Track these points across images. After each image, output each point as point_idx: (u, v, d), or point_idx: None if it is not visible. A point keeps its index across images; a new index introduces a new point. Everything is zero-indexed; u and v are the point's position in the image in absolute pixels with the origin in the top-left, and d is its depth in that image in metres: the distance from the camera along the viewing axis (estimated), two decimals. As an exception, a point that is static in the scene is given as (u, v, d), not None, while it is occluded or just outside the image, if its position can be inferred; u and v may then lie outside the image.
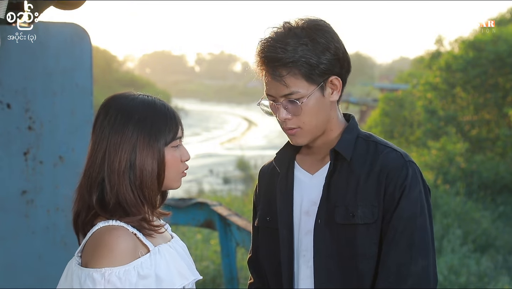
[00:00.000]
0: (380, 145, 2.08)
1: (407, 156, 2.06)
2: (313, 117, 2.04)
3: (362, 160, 2.06)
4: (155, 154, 1.84)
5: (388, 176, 2.00)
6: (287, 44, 1.97)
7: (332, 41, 2.01)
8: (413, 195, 1.99)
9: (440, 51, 21.32)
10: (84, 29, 3.51)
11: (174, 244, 1.97)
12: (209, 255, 8.44)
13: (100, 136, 1.85)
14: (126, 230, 1.79)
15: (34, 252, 3.38)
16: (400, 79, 30.35)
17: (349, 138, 2.10)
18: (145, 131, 1.83)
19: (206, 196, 17.22)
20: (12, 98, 3.32)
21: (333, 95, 2.05)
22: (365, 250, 2.00)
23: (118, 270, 1.72)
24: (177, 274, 1.86)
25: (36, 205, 3.39)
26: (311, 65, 1.97)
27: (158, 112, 1.87)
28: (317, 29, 2.01)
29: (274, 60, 1.98)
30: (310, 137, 2.09)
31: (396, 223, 1.97)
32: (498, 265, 10.21)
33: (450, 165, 15.22)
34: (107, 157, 1.82)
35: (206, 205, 5.59)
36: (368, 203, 2.01)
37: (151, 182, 1.85)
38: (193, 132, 43.87)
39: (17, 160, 3.35)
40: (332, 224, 2.04)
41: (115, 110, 1.85)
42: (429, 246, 1.99)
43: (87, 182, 1.85)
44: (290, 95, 2.00)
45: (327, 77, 2.02)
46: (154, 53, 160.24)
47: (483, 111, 17.14)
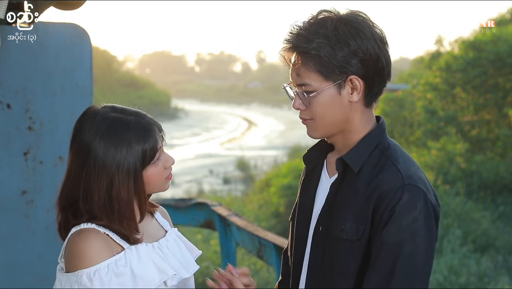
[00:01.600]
0: (389, 161, 1.94)
1: (411, 177, 1.90)
2: (325, 113, 1.96)
3: (368, 173, 1.95)
4: (131, 182, 1.85)
5: (379, 196, 1.88)
6: (313, 35, 1.90)
7: (362, 44, 1.90)
8: (404, 220, 1.85)
9: (440, 52, 21.34)
10: (84, 30, 3.50)
11: (161, 243, 1.97)
12: (209, 255, 8.45)
13: (77, 160, 1.86)
14: (96, 231, 1.82)
15: (34, 252, 3.39)
16: (400, 79, 30.31)
17: (363, 148, 1.98)
18: (121, 159, 1.83)
19: (206, 196, 17.23)
20: (12, 98, 3.32)
21: (352, 95, 1.94)
22: (344, 266, 1.93)
23: (89, 271, 1.77)
24: (156, 270, 1.87)
25: (36, 205, 3.39)
26: (329, 62, 1.90)
27: (134, 134, 1.86)
28: (351, 26, 1.91)
29: (295, 48, 1.94)
30: (323, 132, 2.01)
31: (379, 248, 1.86)
32: (498, 265, 10.21)
33: (450, 165, 15.22)
34: (84, 185, 1.84)
35: (206, 205, 5.58)
36: (356, 220, 1.92)
37: (129, 212, 1.86)
38: (193, 132, 43.87)
39: (17, 160, 3.35)
40: (328, 234, 1.99)
41: (92, 135, 1.85)
42: (415, 276, 1.85)
43: (65, 199, 1.89)
44: (303, 86, 1.94)
45: (346, 76, 1.92)
46: (154, 54, 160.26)
47: (483, 112, 17.14)
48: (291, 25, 1.97)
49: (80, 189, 1.85)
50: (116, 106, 1.91)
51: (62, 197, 1.89)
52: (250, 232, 4.81)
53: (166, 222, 2.11)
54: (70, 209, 1.87)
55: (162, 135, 1.93)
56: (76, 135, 1.89)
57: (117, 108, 1.91)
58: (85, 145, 1.85)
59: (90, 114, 1.90)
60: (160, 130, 1.92)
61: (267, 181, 17.97)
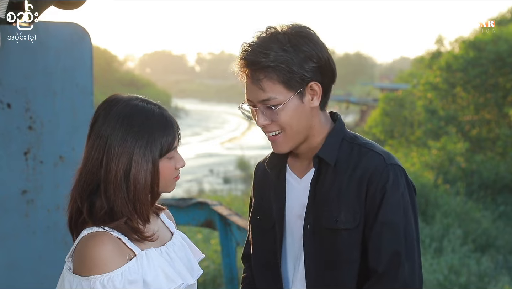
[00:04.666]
0: (363, 148, 2.05)
1: (390, 158, 2.03)
2: (292, 123, 2.01)
3: (345, 163, 2.04)
4: (149, 167, 1.85)
5: (369, 180, 1.98)
6: (268, 49, 1.96)
7: (314, 49, 1.98)
8: (395, 198, 1.96)
9: (440, 51, 21.35)
10: (85, 29, 3.50)
11: (169, 247, 1.98)
12: (209, 255, 8.44)
13: (97, 142, 1.85)
14: (109, 236, 1.82)
15: (34, 252, 3.38)
16: (401, 79, 30.35)
17: (333, 142, 2.07)
18: (141, 144, 1.84)
19: (206, 195, 17.22)
20: (12, 98, 3.31)
21: (313, 101, 2.02)
22: (348, 255, 2.00)
23: (102, 278, 1.76)
24: (164, 277, 1.87)
25: (36, 205, 3.39)
26: (290, 72, 1.95)
27: (155, 124, 1.87)
28: (300, 36, 1.99)
29: (253, 64, 1.98)
30: (291, 144, 2.06)
31: (379, 228, 1.96)
32: (498, 265, 10.20)
33: (451, 165, 15.22)
34: (104, 166, 1.83)
35: (206, 204, 5.58)
36: (350, 208, 1.99)
37: (143, 195, 1.87)
38: (193, 132, 43.86)
39: (18, 159, 3.35)
40: (319, 229, 2.04)
41: (114, 118, 1.85)
42: (413, 248, 1.98)
43: (81, 187, 1.87)
44: (267, 101, 1.98)
45: (306, 84, 1.99)
46: (155, 53, 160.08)
47: (483, 111, 17.13)
48: (242, 44, 2.04)
49: (99, 174, 1.83)
50: (140, 96, 1.93)
51: (78, 185, 1.87)
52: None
53: (171, 223, 2.11)
54: (86, 201, 1.85)
55: (179, 134, 1.96)
56: (97, 119, 1.88)
57: (141, 98, 1.93)
58: (106, 128, 1.84)
59: (112, 99, 1.91)
60: (178, 129, 1.95)
61: (268, 180, 17.93)
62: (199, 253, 2.13)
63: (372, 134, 19.89)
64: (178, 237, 2.06)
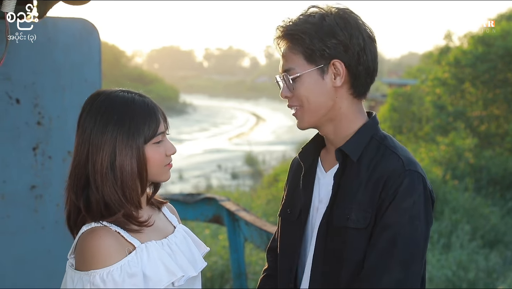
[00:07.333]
0: (388, 149, 2.01)
1: (411, 164, 1.97)
2: (310, 97, 2.00)
3: (368, 162, 2.00)
4: (134, 153, 1.87)
5: (385, 183, 1.94)
6: (300, 22, 1.99)
7: (345, 29, 1.96)
8: (404, 204, 1.91)
9: (449, 46, 21.27)
10: (93, 25, 3.51)
11: (170, 240, 1.98)
12: (217, 250, 8.45)
13: (82, 137, 1.89)
14: (108, 230, 1.83)
15: (43, 247, 3.40)
16: (409, 74, 30.23)
17: (359, 139, 2.04)
18: (123, 132, 1.86)
19: (214, 191, 17.24)
20: (21, 93, 3.32)
21: (335, 80, 1.99)
22: (353, 255, 1.96)
23: (102, 272, 1.77)
24: (165, 270, 1.88)
25: (45, 200, 3.40)
26: (311, 44, 1.96)
27: (136, 110, 1.88)
28: (337, 16, 1.98)
29: (283, 32, 2.02)
30: (311, 120, 2.05)
31: (380, 229, 1.92)
32: (507, 261, 10.18)
33: (459, 161, 15.17)
34: (90, 158, 1.86)
35: (215, 200, 5.59)
36: (361, 208, 1.96)
37: (131, 181, 1.88)
38: (201, 127, 43.92)
39: (26, 155, 3.36)
40: (332, 224, 2.02)
41: (95, 111, 1.88)
42: (412, 258, 1.91)
43: (73, 183, 1.90)
44: (288, 71, 2.01)
45: (328, 61, 1.98)
46: (163, 49, 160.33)
47: (492, 107, 17.06)
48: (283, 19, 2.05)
49: (87, 167, 1.86)
50: (122, 88, 1.96)
51: (70, 181, 1.91)
52: (258, 227, 4.82)
53: (174, 217, 2.12)
54: (82, 196, 1.87)
55: (167, 123, 1.97)
56: (81, 115, 1.92)
57: (123, 89, 1.96)
58: (89, 121, 1.88)
59: (95, 94, 1.94)
60: (165, 116, 1.96)
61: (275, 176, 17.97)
62: (203, 246, 2.13)
63: (380, 130, 19.82)
64: (180, 230, 2.07)
